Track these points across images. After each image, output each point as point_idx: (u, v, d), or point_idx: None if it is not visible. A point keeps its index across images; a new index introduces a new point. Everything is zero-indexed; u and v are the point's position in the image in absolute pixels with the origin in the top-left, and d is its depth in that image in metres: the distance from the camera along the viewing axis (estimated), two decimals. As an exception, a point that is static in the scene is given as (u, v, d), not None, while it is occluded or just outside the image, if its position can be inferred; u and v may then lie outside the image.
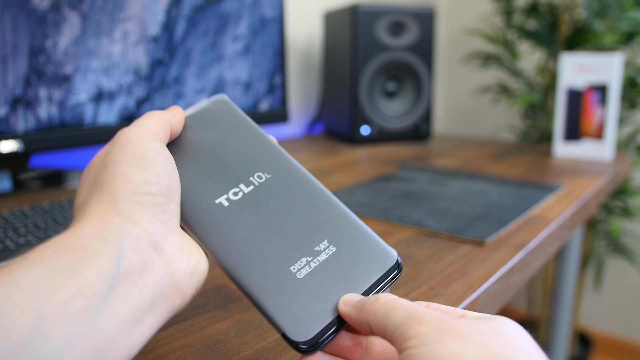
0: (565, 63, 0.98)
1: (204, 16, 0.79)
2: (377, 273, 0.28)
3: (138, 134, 0.27)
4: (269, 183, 0.30)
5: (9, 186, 0.73)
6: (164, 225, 0.25)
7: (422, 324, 0.22)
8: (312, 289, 0.27)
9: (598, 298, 1.71)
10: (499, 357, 0.20)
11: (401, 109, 1.16)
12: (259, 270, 0.28)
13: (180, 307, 0.26)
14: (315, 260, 0.28)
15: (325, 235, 0.29)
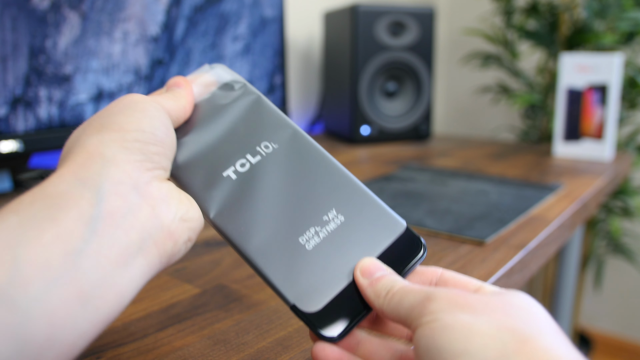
0: (565, 63, 0.98)
1: (204, 16, 0.79)
2: (386, 241, 0.28)
3: (142, 97, 0.27)
4: (276, 153, 0.30)
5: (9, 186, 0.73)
6: (150, 172, 0.25)
7: (432, 301, 0.22)
8: (321, 259, 0.27)
9: (598, 298, 1.71)
10: (510, 329, 0.20)
11: (401, 109, 1.16)
12: (267, 243, 0.27)
13: (172, 253, 0.25)
14: (324, 230, 0.28)
15: (333, 204, 0.28)
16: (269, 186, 0.29)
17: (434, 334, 0.21)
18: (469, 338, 0.20)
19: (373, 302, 0.25)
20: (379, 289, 0.25)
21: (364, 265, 0.27)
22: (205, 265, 0.48)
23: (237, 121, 0.31)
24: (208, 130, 0.31)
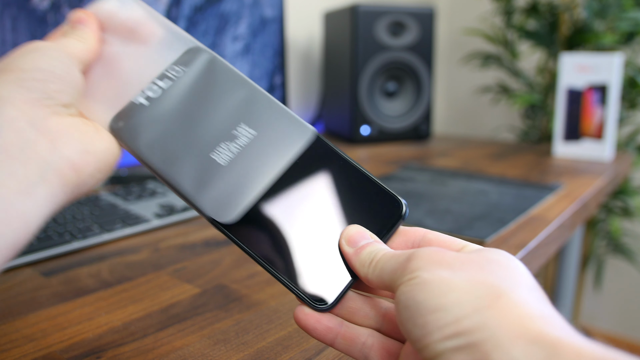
0: (565, 63, 0.98)
1: (204, 16, 0.79)
2: (295, 149, 0.29)
3: (43, 42, 0.27)
4: (187, 76, 0.30)
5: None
6: (48, 109, 0.25)
7: (412, 260, 0.23)
8: (236, 173, 0.28)
9: (598, 298, 1.71)
10: (485, 284, 0.21)
11: (401, 109, 1.16)
12: (182, 162, 0.28)
13: (77, 184, 0.25)
14: (235, 145, 0.29)
15: (242, 119, 0.29)
16: (180, 108, 0.30)
17: (413, 289, 0.22)
18: (446, 293, 0.21)
19: (358, 271, 0.26)
20: (363, 258, 0.26)
21: (349, 233, 0.27)
22: (205, 265, 0.48)
23: (144, 46, 0.31)
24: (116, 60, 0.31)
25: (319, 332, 0.26)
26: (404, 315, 0.22)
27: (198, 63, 0.31)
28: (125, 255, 0.50)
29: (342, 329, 0.26)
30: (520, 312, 0.20)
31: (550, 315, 0.20)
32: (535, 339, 0.19)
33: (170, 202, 0.63)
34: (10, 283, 0.44)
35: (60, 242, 0.50)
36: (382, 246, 0.26)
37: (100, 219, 0.56)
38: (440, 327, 0.20)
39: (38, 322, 0.37)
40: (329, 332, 0.26)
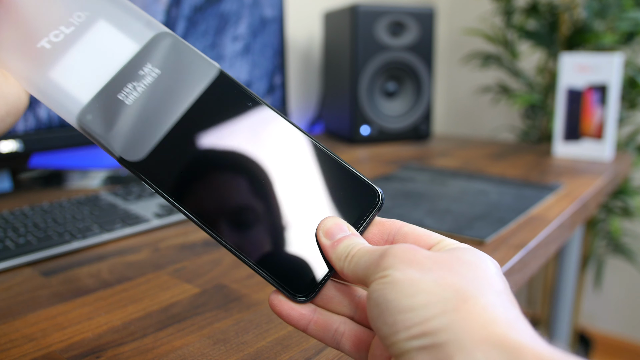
0: (565, 63, 0.98)
1: (204, 16, 0.79)
2: (200, 85, 0.29)
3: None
4: (89, 20, 0.30)
5: (9, 186, 0.73)
6: None
7: (385, 257, 0.23)
8: (142, 111, 0.28)
9: (598, 298, 1.71)
10: (453, 287, 0.21)
11: (401, 109, 1.16)
12: (90, 104, 0.28)
13: None
14: (141, 84, 0.29)
15: (148, 60, 0.29)
16: (87, 51, 0.30)
17: (384, 288, 0.22)
18: (415, 294, 0.21)
19: (335, 264, 0.26)
20: (340, 251, 0.26)
21: (327, 226, 0.27)
22: (204, 265, 0.48)
23: None
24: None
25: (293, 318, 0.26)
26: (374, 312, 0.22)
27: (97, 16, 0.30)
28: (125, 255, 0.50)
29: (315, 316, 0.26)
30: (486, 316, 0.20)
31: (515, 319, 0.20)
32: (497, 343, 0.19)
33: (170, 202, 0.63)
34: (10, 283, 0.44)
35: (60, 242, 0.50)
36: (359, 240, 0.26)
37: (100, 219, 0.56)
38: (408, 327, 0.20)
39: (38, 322, 0.37)
40: (302, 319, 0.26)
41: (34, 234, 0.51)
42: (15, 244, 0.48)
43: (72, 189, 0.74)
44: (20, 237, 0.50)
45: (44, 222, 0.54)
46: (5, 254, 0.46)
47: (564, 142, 1.00)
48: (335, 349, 0.29)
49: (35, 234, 0.51)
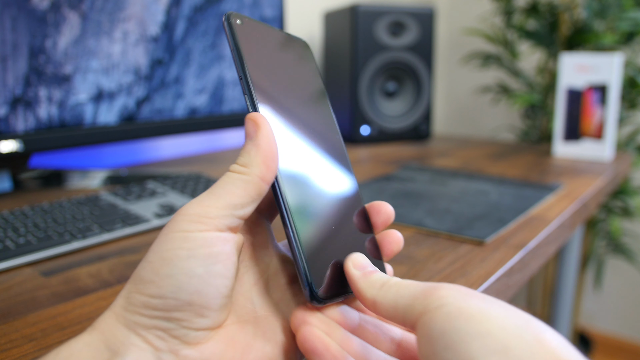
0: (565, 63, 0.98)
1: (204, 16, 0.79)
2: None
3: (183, 222, 0.23)
4: None
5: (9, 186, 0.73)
6: (177, 340, 0.22)
7: (440, 289, 0.22)
8: None
9: (598, 298, 1.71)
10: (523, 316, 0.21)
11: (401, 109, 1.16)
12: None
13: None
14: None
15: None
16: None
17: (449, 317, 0.20)
18: (488, 319, 0.20)
19: (365, 292, 0.24)
20: (374, 280, 0.25)
21: (357, 258, 0.27)
22: (205, 265, 0.47)
23: None
24: None
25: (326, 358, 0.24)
26: (438, 344, 0.20)
27: None
28: (125, 255, 0.50)
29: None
30: (559, 354, 0.19)
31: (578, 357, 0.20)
32: None
33: (170, 202, 0.63)
34: (10, 283, 0.44)
35: (60, 242, 0.50)
36: (392, 277, 0.26)
37: (100, 219, 0.56)
38: (487, 354, 0.19)
39: (38, 322, 0.37)
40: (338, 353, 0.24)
41: (34, 234, 0.51)
42: (15, 244, 0.48)
43: (72, 189, 0.74)
44: (20, 237, 0.50)
45: (44, 222, 0.54)
46: (5, 254, 0.46)
47: (564, 142, 1.00)
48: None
49: (35, 234, 0.51)
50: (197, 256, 0.22)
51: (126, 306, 0.22)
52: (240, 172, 0.24)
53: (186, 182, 0.70)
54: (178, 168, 0.90)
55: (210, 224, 0.23)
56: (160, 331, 0.22)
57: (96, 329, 0.22)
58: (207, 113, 0.82)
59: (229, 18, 0.28)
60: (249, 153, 0.25)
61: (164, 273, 0.22)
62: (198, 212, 0.23)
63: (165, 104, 0.76)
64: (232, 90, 0.85)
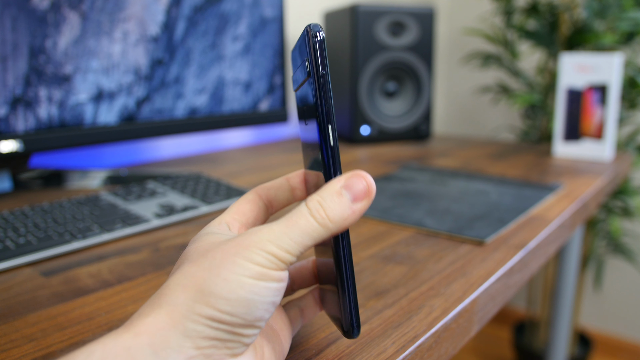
0: (565, 63, 0.98)
1: (204, 16, 0.79)
2: None
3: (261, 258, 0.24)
4: None
5: (9, 186, 0.73)
6: (229, 350, 0.24)
7: None
8: None
9: (598, 298, 1.71)
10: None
11: (401, 109, 1.16)
12: None
13: None
14: None
15: None
16: None
17: None
18: None
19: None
20: None
21: None
22: (205, 265, 0.47)
23: None
24: None
25: None
26: None
27: None
28: (125, 255, 0.50)
29: None
30: None
31: None
32: None
33: (170, 202, 0.63)
34: (10, 283, 0.44)
35: (60, 242, 0.50)
36: None
37: (100, 219, 0.56)
38: None
39: (38, 322, 0.37)
40: None
41: (34, 234, 0.51)
42: (15, 244, 0.48)
43: (72, 189, 0.74)
44: (20, 237, 0.50)
45: (44, 222, 0.54)
46: (5, 254, 0.46)
47: (564, 142, 1.00)
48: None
49: (35, 234, 0.51)
50: (270, 288, 0.24)
51: (188, 315, 0.23)
52: (321, 226, 0.25)
53: (186, 182, 0.70)
54: (178, 168, 0.90)
55: (282, 265, 0.24)
56: (218, 342, 0.23)
57: (141, 333, 0.22)
58: (207, 113, 0.82)
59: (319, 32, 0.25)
60: (343, 213, 0.25)
61: (239, 296, 0.23)
62: (274, 253, 0.24)
63: (165, 104, 0.76)
64: (232, 90, 0.85)
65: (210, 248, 0.25)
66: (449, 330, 0.39)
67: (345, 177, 0.25)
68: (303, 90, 0.28)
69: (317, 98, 0.25)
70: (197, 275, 0.24)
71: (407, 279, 0.44)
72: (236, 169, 0.89)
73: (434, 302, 0.40)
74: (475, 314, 0.43)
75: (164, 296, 0.24)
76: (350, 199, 0.25)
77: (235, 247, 0.24)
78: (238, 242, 0.24)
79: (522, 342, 1.56)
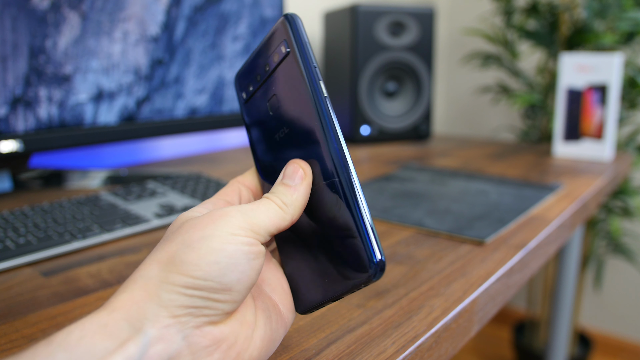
0: (565, 63, 0.98)
1: (204, 16, 0.79)
2: None
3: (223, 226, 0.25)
4: None
5: (9, 186, 0.73)
6: (206, 318, 0.24)
7: None
8: None
9: (598, 298, 1.71)
10: None
11: (401, 109, 1.16)
12: None
13: None
14: None
15: None
16: None
17: None
18: None
19: None
20: None
21: None
22: (205, 265, 0.47)
23: None
24: None
25: None
26: None
27: None
28: (125, 255, 0.50)
29: None
30: None
31: None
32: None
33: (170, 202, 0.63)
34: (10, 283, 0.44)
35: (60, 242, 0.50)
36: None
37: (100, 219, 0.56)
38: None
39: (38, 322, 0.37)
40: None
41: (34, 234, 0.51)
42: (15, 244, 0.48)
43: (72, 189, 0.74)
44: (20, 237, 0.50)
45: (44, 222, 0.54)
46: (5, 254, 0.46)
47: (564, 142, 1.00)
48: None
49: (35, 234, 0.51)
50: (243, 251, 0.25)
51: (162, 285, 0.24)
52: (280, 208, 0.27)
53: (186, 182, 0.70)
54: (178, 168, 0.90)
55: (250, 233, 0.26)
56: (194, 309, 0.24)
57: (117, 309, 0.23)
58: (207, 113, 0.82)
59: (293, 17, 0.30)
60: (292, 196, 0.28)
61: (210, 260, 0.24)
62: (243, 226, 0.26)
63: (165, 104, 0.76)
64: (232, 90, 0.85)
65: (183, 225, 0.26)
66: (449, 330, 0.39)
67: (282, 172, 0.29)
68: (267, 87, 0.31)
69: (306, 68, 0.29)
70: (170, 249, 0.25)
71: (407, 279, 0.44)
72: (236, 169, 0.89)
73: (434, 302, 0.40)
74: (475, 314, 0.43)
75: (138, 272, 0.25)
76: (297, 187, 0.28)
77: (206, 220, 0.26)
78: (208, 216, 0.26)
79: (522, 342, 1.56)
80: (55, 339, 0.21)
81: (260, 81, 0.32)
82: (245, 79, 0.33)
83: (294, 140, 0.30)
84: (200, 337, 0.24)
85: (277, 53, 0.30)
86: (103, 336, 0.22)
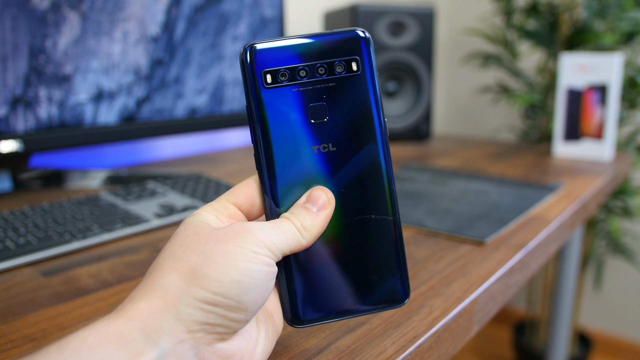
0: (565, 63, 0.98)
1: (204, 16, 0.79)
2: None
3: (246, 241, 0.25)
4: None
5: (9, 186, 0.73)
6: (217, 335, 0.24)
7: None
8: None
9: (598, 298, 1.71)
10: None
11: (401, 109, 1.16)
12: None
13: None
14: None
15: None
16: None
17: None
18: None
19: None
20: None
21: None
22: (205, 265, 0.47)
23: None
24: None
25: None
26: None
27: None
28: (125, 255, 0.50)
29: None
30: None
31: None
32: None
33: (170, 202, 0.63)
34: (10, 283, 0.44)
35: (60, 242, 0.50)
36: None
37: (100, 219, 0.56)
38: None
39: (38, 322, 0.37)
40: None
41: (34, 234, 0.51)
42: (15, 244, 0.48)
43: (72, 189, 0.74)
44: (20, 237, 0.50)
45: (44, 222, 0.54)
46: (5, 254, 0.46)
47: (564, 142, 1.00)
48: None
49: (35, 234, 0.51)
50: (262, 271, 0.25)
51: (182, 298, 0.24)
52: (299, 231, 0.28)
53: (186, 182, 0.70)
54: (178, 168, 0.90)
55: (270, 254, 0.26)
56: (208, 325, 0.24)
57: (134, 317, 0.23)
58: (207, 113, 0.82)
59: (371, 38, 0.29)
60: (312, 222, 0.28)
61: (233, 277, 0.24)
62: (264, 244, 0.26)
63: (165, 104, 0.76)
64: (232, 90, 0.85)
65: (202, 234, 0.26)
66: (449, 330, 0.39)
67: (306, 195, 0.29)
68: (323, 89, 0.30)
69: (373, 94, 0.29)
70: (190, 259, 0.25)
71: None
72: (236, 169, 0.89)
73: (434, 302, 0.40)
74: (475, 314, 0.43)
75: (156, 279, 0.25)
76: (319, 215, 0.29)
77: (228, 234, 0.26)
78: (231, 230, 0.26)
79: (522, 342, 1.56)
80: (68, 344, 0.21)
81: (304, 80, 0.29)
82: (277, 63, 0.29)
83: (340, 161, 0.30)
84: (211, 354, 0.24)
85: (343, 65, 0.29)
86: (117, 346, 0.21)
